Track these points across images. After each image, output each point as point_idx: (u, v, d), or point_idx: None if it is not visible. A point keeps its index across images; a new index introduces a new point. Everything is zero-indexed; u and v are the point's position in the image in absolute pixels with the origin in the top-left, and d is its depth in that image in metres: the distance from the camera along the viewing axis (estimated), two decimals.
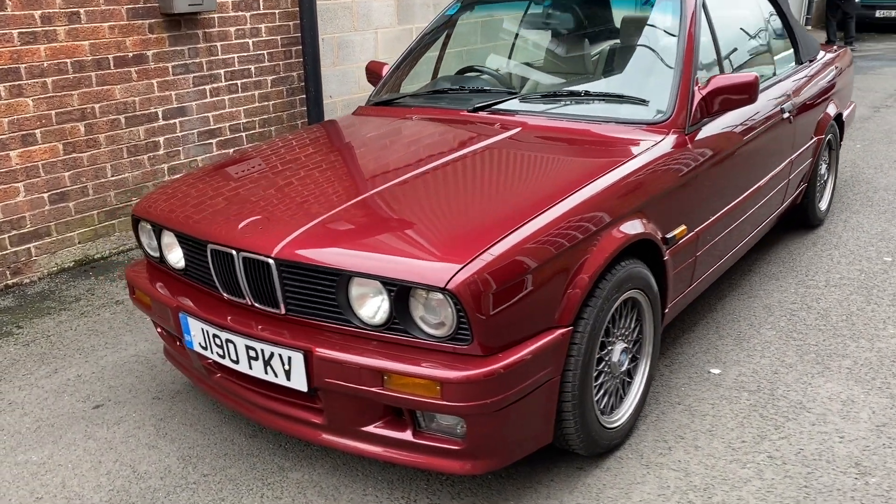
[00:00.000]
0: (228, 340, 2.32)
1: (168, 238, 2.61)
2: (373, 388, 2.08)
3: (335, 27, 5.62)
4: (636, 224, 2.45)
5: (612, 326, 2.45)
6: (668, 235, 2.64)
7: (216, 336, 2.35)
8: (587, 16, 3.57)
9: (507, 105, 3.06)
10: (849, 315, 3.44)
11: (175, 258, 2.61)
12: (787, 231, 4.47)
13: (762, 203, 3.50)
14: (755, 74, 2.84)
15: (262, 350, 2.24)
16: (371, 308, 2.13)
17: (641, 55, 3.09)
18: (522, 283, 2.05)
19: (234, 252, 2.28)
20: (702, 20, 3.12)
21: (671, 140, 2.75)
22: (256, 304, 2.31)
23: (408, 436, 2.19)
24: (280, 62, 5.11)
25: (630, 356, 2.57)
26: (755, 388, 2.88)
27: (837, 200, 4.98)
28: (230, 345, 2.32)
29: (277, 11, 5.03)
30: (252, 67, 4.95)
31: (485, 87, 3.27)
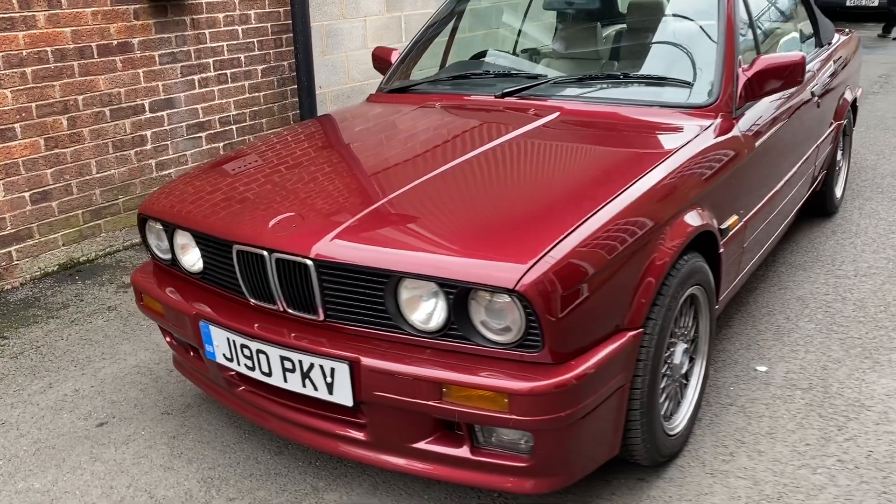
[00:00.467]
0: (260, 351, 2.09)
1: (183, 239, 2.37)
2: (429, 402, 1.88)
3: (324, 14, 5.37)
4: (695, 216, 2.27)
5: (674, 326, 2.28)
6: (723, 226, 2.48)
7: (244, 346, 2.12)
8: None
9: (538, 90, 2.86)
10: (886, 305, 3.31)
11: (190, 261, 2.37)
12: (805, 219, 4.35)
13: (796, 189, 3.36)
14: (802, 54, 2.68)
15: (300, 361, 2.02)
16: (423, 313, 1.92)
17: (679, 35, 2.91)
18: (591, 283, 1.86)
19: (266, 253, 2.05)
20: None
21: (720, 125, 2.57)
22: (290, 311, 2.09)
23: (464, 452, 1.98)
24: (270, 51, 4.85)
25: (688, 357, 2.40)
26: (807, 386, 2.73)
27: (847, 188, 4.88)
28: (261, 356, 2.10)
29: None
30: (242, 56, 4.68)
31: (511, 72, 3.06)
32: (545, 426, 1.82)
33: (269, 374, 2.11)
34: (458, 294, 1.85)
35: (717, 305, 2.60)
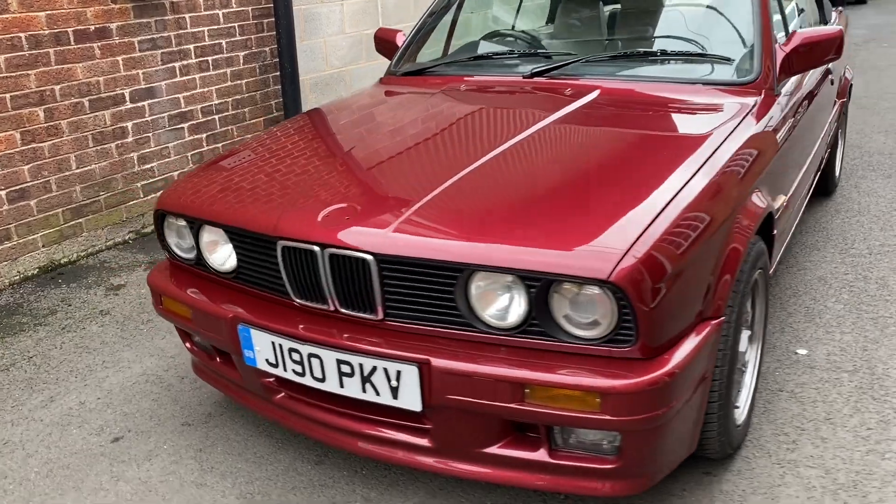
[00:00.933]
0: (312, 355, 1.92)
1: (211, 235, 2.18)
2: (510, 405, 1.74)
3: None
4: (759, 198, 2.18)
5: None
6: (776, 207, 2.39)
7: (293, 351, 1.95)
8: None
9: (569, 69, 2.72)
10: None
11: (219, 259, 2.18)
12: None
13: (816, 167, 3.31)
14: (840, 28, 2.61)
15: (361, 365, 1.86)
16: (498, 308, 1.78)
17: (714, 10, 2.80)
18: (677, 272, 1.74)
19: (317, 249, 1.88)
20: None
21: (765, 102, 2.48)
22: (343, 310, 1.92)
23: (542, 456, 1.85)
24: (251, 36, 4.62)
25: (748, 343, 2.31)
26: (852, 368, 2.67)
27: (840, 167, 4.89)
28: (314, 360, 1.93)
29: None
30: (223, 42, 4.44)
31: (537, 51, 2.91)
32: (640, 426, 1.70)
33: (323, 380, 1.94)
34: (542, 287, 1.71)
35: None
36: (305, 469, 2.28)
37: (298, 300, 1.99)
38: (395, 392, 1.84)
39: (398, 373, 1.82)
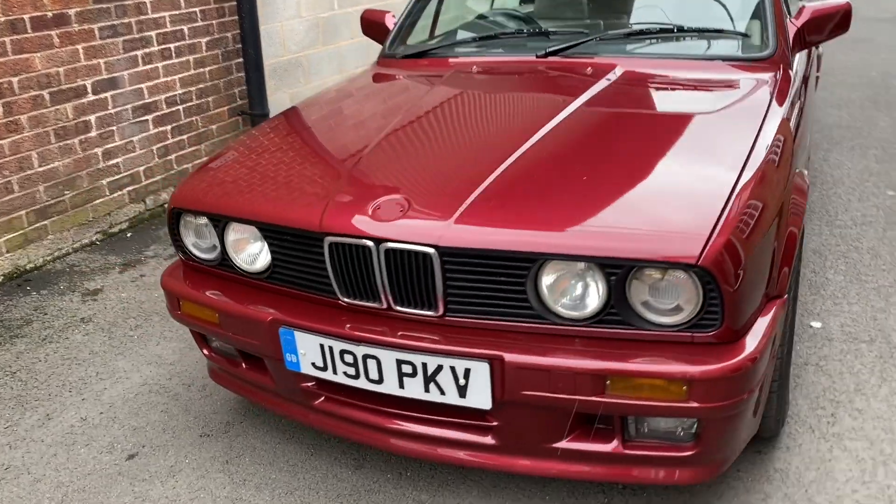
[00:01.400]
0: (368, 357, 1.81)
1: (238, 233, 2.03)
2: (591, 397, 1.67)
3: None
4: (800, 176, 2.16)
5: None
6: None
7: (346, 352, 1.83)
8: None
9: (584, 48, 2.65)
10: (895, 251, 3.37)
11: (248, 258, 2.04)
12: None
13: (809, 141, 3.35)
14: (848, 0, 2.62)
15: (424, 364, 1.76)
16: (572, 298, 1.71)
17: None
18: (753, 253, 1.70)
19: (371, 244, 1.77)
20: None
21: (784, 77, 2.47)
22: (398, 308, 1.82)
23: (615, 447, 1.79)
24: (213, 21, 4.39)
25: None
26: (868, 339, 2.71)
27: None
28: (370, 361, 1.82)
29: None
30: (185, 28, 4.20)
31: (549, 30, 2.82)
32: (725, 412, 1.66)
33: (380, 382, 1.83)
34: (622, 273, 1.64)
35: None
36: (346, 474, 2.17)
37: (346, 299, 1.87)
38: (463, 390, 1.75)
39: (467, 370, 1.73)
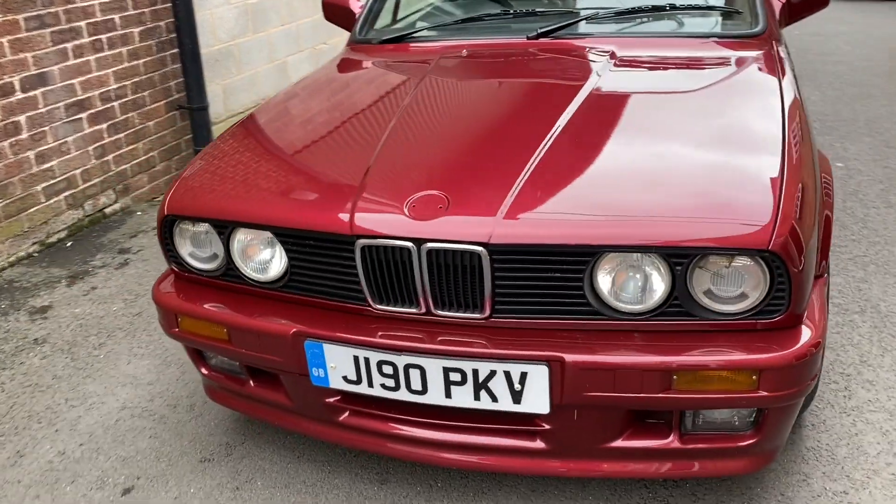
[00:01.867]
0: (411, 366, 1.68)
1: (246, 240, 1.84)
2: (657, 394, 1.60)
3: None
4: (820, 153, 2.15)
5: None
6: None
7: (385, 363, 1.70)
8: None
9: (574, 28, 2.56)
10: (865, 221, 3.46)
11: (259, 266, 1.86)
12: None
13: None
14: None
15: (475, 371, 1.64)
16: (631, 291, 1.62)
17: None
18: (809, 233, 1.66)
19: (411, 245, 1.63)
20: None
21: (778, 53, 2.45)
22: (438, 312, 1.69)
23: (672, 442, 1.73)
24: (146, 9, 4.08)
25: None
26: (859, 310, 2.75)
27: None
28: (412, 372, 1.69)
29: None
30: (116, 17, 3.88)
31: (535, 10, 2.71)
32: (793, 399, 1.62)
33: (423, 392, 1.70)
34: (687, 262, 1.57)
35: None
36: (371, 491, 2.03)
37: (378, 306, 1.73)
38: (518, 396, 1.65)
39: (523, 375, 1.62)
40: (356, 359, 1.72)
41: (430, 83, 2.30)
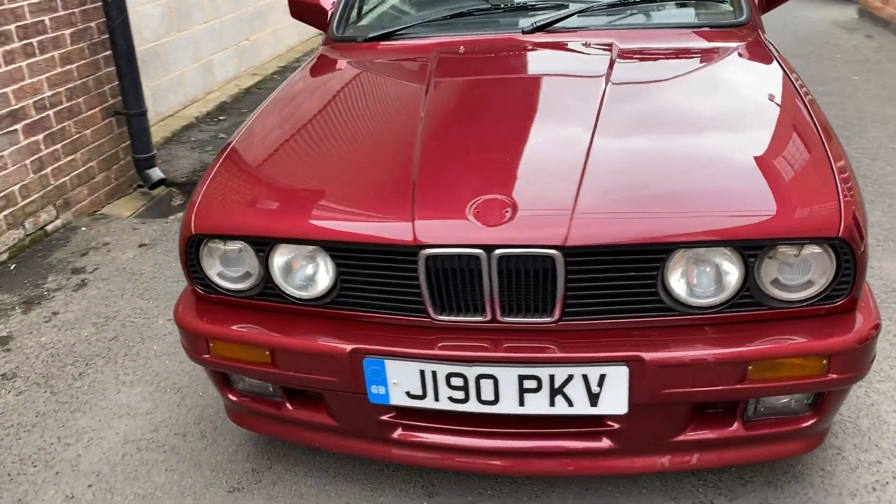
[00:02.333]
0: (483, 377, 1.63)
1: (287, 256, 1.74)
2: (733, 386, 1.61)
3: None
4: None
5: None
6: None
7: (455, 376, 1.64)
8: None
9: (568, 22, 2.54)
10: None
11: (303, 283, 1.75)
12: None
13: None
14: None
15: (552, 377, 1.61)
16: (703, 286, 1.62)
17: None
18: (865, 215, 1.70)
19: (481, 252, 1.58)
20: None
21: (765, 41, 2.52)
22: (505, 318, 1.65)
23: (737, 430, 1.75)
24: (76, 10, 3.79)
25: None
26: None
27: None
28: (483, 382, 1.64)
29: None
30: (46, 19, 3.60)
31: (525, 3, 2.68)
32: (856, 379, 1.67)
33: (495, 402, 1.66)
34: (760, 254, 1.58)
35: None
36: None
37: (441, 317, 1.67)
38: (595, 399, 1.63)
39: (601, 377, 1.60)
40: (422, 373, 1.65)
41: (443, 82, 2.23)
